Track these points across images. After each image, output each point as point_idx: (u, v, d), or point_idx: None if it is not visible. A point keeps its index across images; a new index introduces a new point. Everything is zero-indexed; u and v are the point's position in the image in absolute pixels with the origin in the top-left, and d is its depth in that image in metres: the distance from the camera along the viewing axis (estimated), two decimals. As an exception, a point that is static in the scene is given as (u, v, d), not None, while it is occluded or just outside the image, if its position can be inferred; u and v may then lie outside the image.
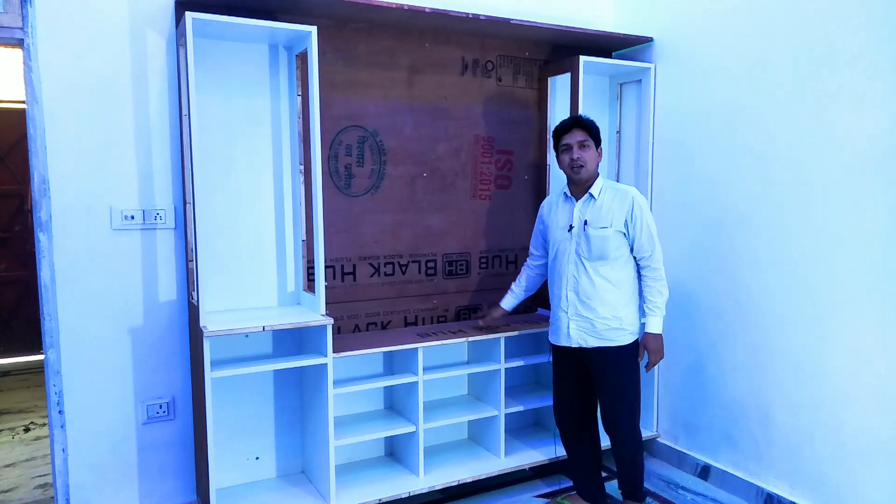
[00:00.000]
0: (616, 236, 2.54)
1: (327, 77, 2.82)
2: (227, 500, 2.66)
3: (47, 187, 2.44)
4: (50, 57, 2.42)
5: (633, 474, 2.69)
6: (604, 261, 2.55)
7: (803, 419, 2.68)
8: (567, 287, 2.62)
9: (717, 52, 2.99)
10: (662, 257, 2.62)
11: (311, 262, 2.77)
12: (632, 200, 2.54)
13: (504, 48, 3.27)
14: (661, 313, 2.59)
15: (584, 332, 2.60)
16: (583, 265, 2.58)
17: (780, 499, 2.78)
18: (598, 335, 2.58)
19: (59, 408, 2.52)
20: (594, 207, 2.57)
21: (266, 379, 2.85)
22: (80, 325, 2.53)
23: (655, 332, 2.59)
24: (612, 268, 2.56)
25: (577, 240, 2.59)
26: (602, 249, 2.54)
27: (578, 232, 2.58)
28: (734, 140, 2.92)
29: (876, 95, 2.38)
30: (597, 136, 2.59)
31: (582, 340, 2.61)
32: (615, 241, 2.54)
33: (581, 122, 2.57)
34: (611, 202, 2.56)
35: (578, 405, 2.74)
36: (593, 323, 2.57)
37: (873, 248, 2.41)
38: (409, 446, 2.93)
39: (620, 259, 2.56)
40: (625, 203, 2.54)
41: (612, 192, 2.58)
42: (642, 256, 2.57)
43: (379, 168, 3.02)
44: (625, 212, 2.53)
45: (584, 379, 2.71)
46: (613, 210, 2.55)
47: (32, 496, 3.03)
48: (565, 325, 2.64)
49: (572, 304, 2.61)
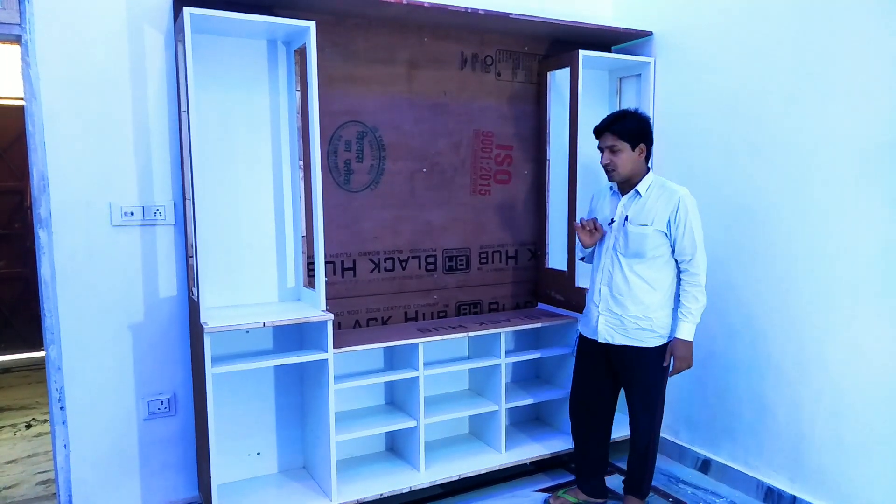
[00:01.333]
0: (656, 235, 2.48)
1: (326, 72, 2.82)
2: (228, 495, 2.67)
3: (46, 184, 2.44)
4: (48, 53, 2.41)
5: (641, 473, 2.68)
6: (640, 258, 2.51)
7: (803, 413, 2.69)
8: (601, 281, 2.60)
9: (716, 46, 2.98)
10: (706, 264, 2.51)
11: (311, 257, 2.78)
12: (678, 200, 2.47)
13: (503, 43, 3.26)
14: (695, 320, 2.51)
15: (612, 329, 2.57)
16: (618, 261, 2.55)
17: (780, 492, 2.79)
18: (626, 333, 2.54)
19: (61, 404, 2.52)
20: (638, 204, 2.53)
21: (267, 375, 2.85)
22: (81, 321, 2.53)
23: (686, 339, 2.51)
24: (650, 267, 2.51)
25: (616, 234, 2.56)
26: (639, 246, 2.49)
27: (619, 227, 2.55)
28: (733, 134, 2.91)
29: (875, 88, 2.38)
30: (632, 136, 2.48)
31: (609, 337, 2.58)
32: (654, 239, 2.48)
33: (612, 126, 2.50)
34: (656, 200, 2.50)
35: (596, 399, 2.71)
36: (623, 320, 2.54)
37: (873, 243, 2.41)
38: (410, 441, 2.94)
39: (660, 259, 2.51)
40: (670, 202, 2.47)
41: (660, 191, 2.51)
42: (683, 259, 2.49)
43: (378, 163, 3.01)
44: (669, 211, 2.46)
45: (607, 374, 2.68)
46: (658, 208, 2.48)
47: (35, 492, 3.04)
48: (595, 318, 2.62)
49: (604, 299, 2.59)
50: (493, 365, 3.06)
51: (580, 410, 2.76)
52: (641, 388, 2.60)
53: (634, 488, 2.71)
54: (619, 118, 2.52)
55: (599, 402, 2.72)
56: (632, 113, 2.55)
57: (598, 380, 2.70)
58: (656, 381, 2.59)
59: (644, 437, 2.63)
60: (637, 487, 2.70)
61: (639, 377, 2.59)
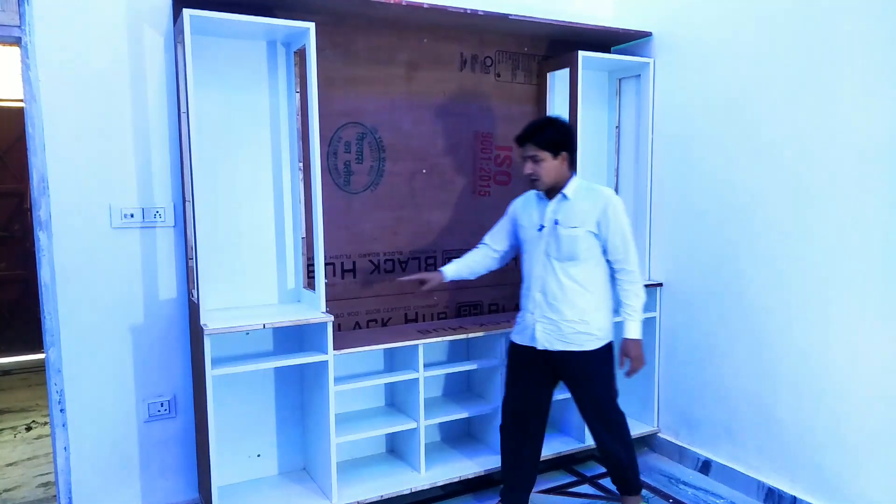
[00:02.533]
0: (587, 237, 2.48)
1: (326, 73, 2.82)
2: (228, 497, 2.67)
3: (46, 186, 2.44)
4: (47, 55, 2.41)
5: (627, 474, 2.65)
6: (574, 261, 2.49)
7: (804, 413, 2.69)
8: (535, 288, 2.56)
9: (716, 46, 2.98)
10: (638, 260, 2.54)
11: (311, 259, 2.77)
12: (605, 201, 2.48)
13: (503, 44, 3.26)
14: (640, 317, 2.52)
15: (550, 335, 2.53)
16: (552, 266, 2.52)
17: (780, 493, 2.79)
18: (563, 338, 2.51)
19: (61, 406, 2.52)
20: (566, 207, 2.51)
21: (267, 376, 2.85)
22: (81, 323, 2.53)
23: (635, 338, 2.51)
24: (583, 269, 2.50)
25: (547, 239, 2.52)
26: (572, 249, 2.48)
27: (549, 231, 2.52)
28: (734, 134, 2.91)
29: (877, 87, 2.38)
30: (554, 145, 2.47)
31: (548, 343, 2.53)
32: (586, 241, 2.48)
33: (533, 137, 2.48)
34: (583, 202, 2.49)
35: (533, 408, 2.63)
36: (559, 326, 2.51)
37: (874, 243, 2.41)
38: (411, 443, 2.94)
39: (591, 260, 2.50)
40: (598, 204, 2.48)
41: (586, 193, 2.52)
42: (616, 259, 2.51)
43: (378, 165, 3.01)
44: (598, 212, 2.47)
45: (542, 382, 2.62)
46: (585, 210, 2.48)
47: (35, 495, 3.03)
48: (531, 326, 2.57)
49: (539, 306, 2.55)
50: (493, 367, 3.06)
51: (513, 422, 2.67)
52: (590, 397, 2.56)
53: (626, 490, 2.69)
54: (539, 129, 2.49)
55: (534, 412, 2.64)
56: (553, 121, 2.54)
57: (533, 388, 2.63)
58: (603, 385, 2.56)
59: (611, 447, 2.58)
60: (628, 488, 2.68)
61: (585, 385, 2.56)
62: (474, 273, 2.79)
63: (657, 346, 3.37)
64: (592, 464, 3.30)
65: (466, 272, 2.77)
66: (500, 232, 2.75)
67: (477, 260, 2.77)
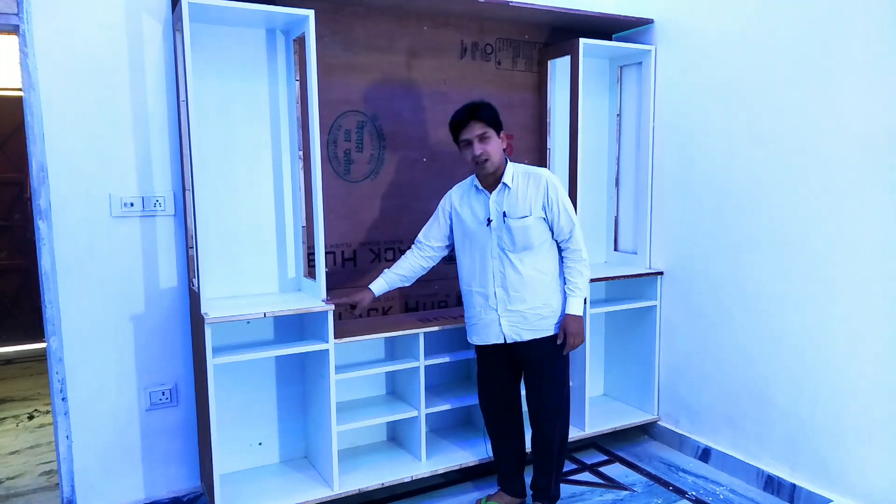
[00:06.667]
0: (537, 223, 2.45)
1: (325, 61, 2.80)
2: (230, 485, 2.68)
3: (46, 175, 2.44)
4: (46, 43, 2.40)
5: (551, 470, 2.63)
6: (529, 251, 2.47)
7: (804, 401, 2.69)
8: (494, 284, 2.52)
9: (717, 33, 2.96)
10: (582, 236, 2.53)
11: (312, 248, 2.77)
12: (546, 183, 2.45)
13: (503, 31, 3.24)
14: (583, 294, 2.52)
15: (517, 327, 2.51)
16: (507, 258, 2.48)
17: (780, 480, 2.80)
18: (531, 327, 2.51)
19: (63, 395, 2.53)
20: (510, 197, 2.46)
21: (268, 365, 2.85)
22: (82, 312, 2.53)
23: (576, 314, 2.50)
24: (538, 256, 2.48)
25: (497, 233, 2.48)
26: (525, 239, 2.45)
27: (498, 225, 2.47)
28: (735, 122, 2.90)
29: (880, 76, 2.37)
30: (496, 122, 2.43)
31: (517, 335, 2.52)
32: (537, 228, 2.45)
33: (476, 114, 2.40)
34: (525, 189, 2.46)
35: (507, 399, 2.68)
36: (524, 315, 2.50)
37: (875, 232, 2.41)
38: (411, 431, 2.95)
39: (545, 244, 2.49)
40: (539, 187, 2.45)
41: (525, 178, 2.48)
42: (563, 238, 2.50)
43: (378, 153, 3.00)
44: (541, 197, 2.45)
45: (510, 371, 2.65)
46: (529, 196, 2.45)
47: (38, 483, 3.05)
48: (496, 322, 2.54)
49: (501, 301, 2.51)
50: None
51: (497, 412, 2.69)
52: (549, 379, 2.56)
53: (543, 492, 2.66)
54: (479, 106, 2.42)
55: (510, 404, 2.69)
56: (484, 101, 2.48)
57: (507, 378, 2.66)
58: (560, 366, 2.57)
59: (555, 427, 2.58)
60: (546, 490, 2.66)
61: (548, 365, 2.55)
62: (410, 279, 2.70)
63: (657, 334, 3.37)
64: (593, 451, 3.32)
65: (400, 281, 2.68)
66: (437, 229, 2.66)
67: (412, 265, 2.68)
